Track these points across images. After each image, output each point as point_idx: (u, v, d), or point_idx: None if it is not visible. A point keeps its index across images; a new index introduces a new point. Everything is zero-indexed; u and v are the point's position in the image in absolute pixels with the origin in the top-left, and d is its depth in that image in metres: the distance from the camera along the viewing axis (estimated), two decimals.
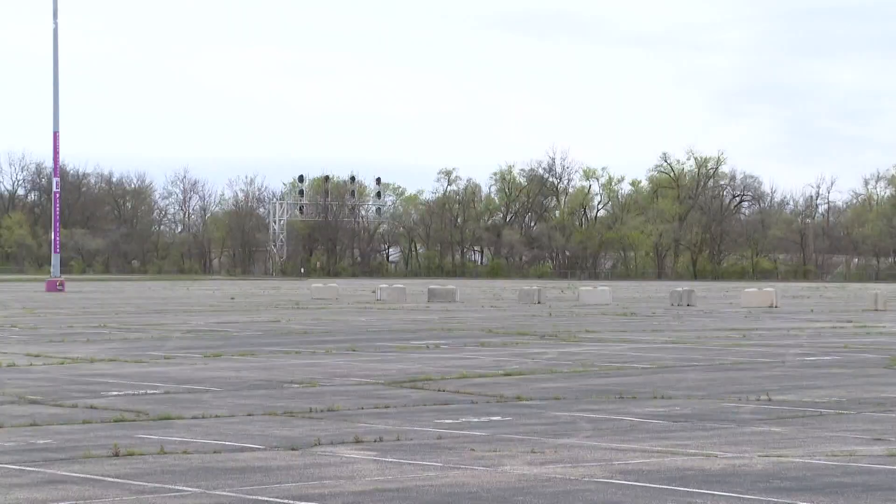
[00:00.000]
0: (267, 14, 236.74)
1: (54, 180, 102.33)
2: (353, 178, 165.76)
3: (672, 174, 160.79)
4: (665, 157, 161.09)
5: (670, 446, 16.41)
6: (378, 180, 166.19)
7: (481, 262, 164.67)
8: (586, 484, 13.72)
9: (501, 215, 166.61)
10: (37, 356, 30.70)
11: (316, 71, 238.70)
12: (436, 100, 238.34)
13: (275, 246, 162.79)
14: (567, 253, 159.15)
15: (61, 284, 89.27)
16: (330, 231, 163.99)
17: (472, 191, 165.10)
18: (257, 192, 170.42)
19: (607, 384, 24.49)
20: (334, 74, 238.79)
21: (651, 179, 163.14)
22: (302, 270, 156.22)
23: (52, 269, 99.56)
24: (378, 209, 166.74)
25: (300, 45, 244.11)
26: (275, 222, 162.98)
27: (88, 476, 14.07)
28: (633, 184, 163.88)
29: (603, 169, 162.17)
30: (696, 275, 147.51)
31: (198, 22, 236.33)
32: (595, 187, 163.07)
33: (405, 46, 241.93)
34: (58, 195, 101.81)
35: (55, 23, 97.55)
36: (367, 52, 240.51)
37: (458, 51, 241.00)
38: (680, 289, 69.77)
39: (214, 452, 15.74)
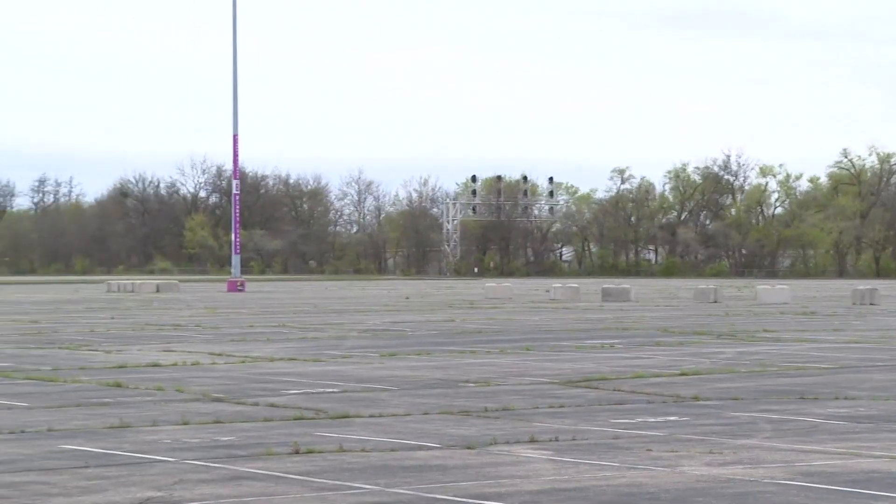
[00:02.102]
0: (440, 14, 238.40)
1: (234, 183, 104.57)
2: (525, 178, 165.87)
3: (853, 170, 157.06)
4: (845, 153, 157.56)
5: (854, 448, 16.02)
6: (551, 179, 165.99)
7: (655, 261, 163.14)
8: (767, 485, 13.48)
9: (676, 213, 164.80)
10: (219, 355, 31.42)
11: (488, 71, 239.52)
12: (609, 98, 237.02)
13: (448, 246, 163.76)
14: (743, 251, 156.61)
15: (242, 285, 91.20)
16: (503, 231, 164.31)
17: (645, 189, 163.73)
18: (431, 193, 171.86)
19: (787, 384, 24.02)
20: (507, 74, 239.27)
21: (831, 176, 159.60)
22: (475, 270, 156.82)
23: (232, 270, 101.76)
24: (551, 208, 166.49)
25: (473, 46, 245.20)
26: (448, 222, 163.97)
27: (270, 473, 14.34)
28: (811, 180, 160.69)
29: (780, 166, 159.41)
30: (879, 273, 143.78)
31: (372, 23, 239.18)
32: (772, 184, 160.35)
33: (578, 45, 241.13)
34: (238, 197, 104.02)
35: (234, 28, 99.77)
36: (539, 51, 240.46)
37: (631, 49, 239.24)
38: (862, 287, 68.10)
39: (392, 451, 15.89)
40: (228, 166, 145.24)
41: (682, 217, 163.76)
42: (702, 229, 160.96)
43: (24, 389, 23.51)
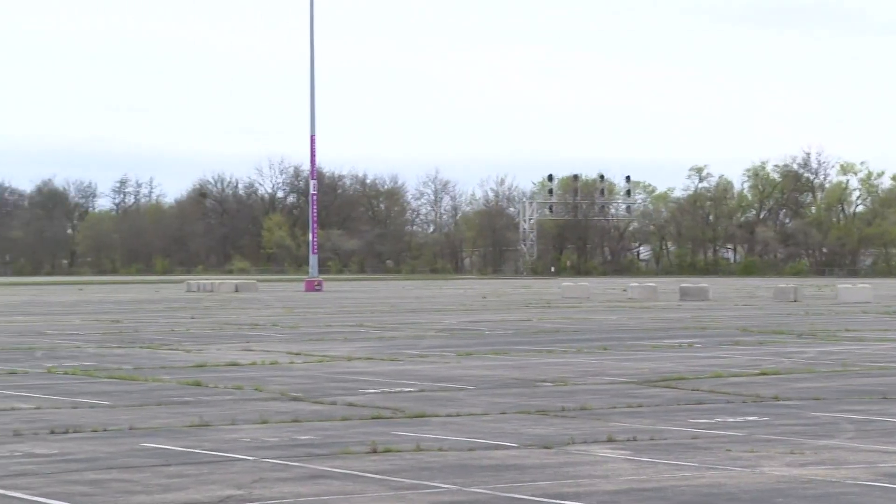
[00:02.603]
0: (515, 13, 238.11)
1: (311, 183, 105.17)
2: (602, 177, 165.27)
3: None
4: None
5: None
6: (628, 178, 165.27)
7: (734, 260, 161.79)
8: (849, 486, 13.31)
9: (754, 212, 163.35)
10: (297, 354, 31.61)
11: (565, 69, 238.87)
12: (685, 96, 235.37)
13: (525, 245, 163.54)
14: (824, 250, 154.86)
15: (319, 284, 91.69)
16: (580, 230, 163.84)
17: (723, 187, 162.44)
18: (507, 192, 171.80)
19: (870, 384, 23.71)
20: (584, 72, 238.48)
21: None
22: (552, 269, 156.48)
23: (310, 270, 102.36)
24: (628, 207, 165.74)
25: (548, 44, 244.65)
26: (525, 221, 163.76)
27: (348, 472, 14.39)
28: (894, 178, 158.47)
29: (861, 163, 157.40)
30: None
31: (449, 23, 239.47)
32: (853, 182, 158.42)
33: (655, 42, 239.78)
34: (315, 197, 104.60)
35: (311, 29, 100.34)
36: (617, 48, 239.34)
37: (708, 46, 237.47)
38: None
39: (469, 450, 15.89)
40: (306, 166, 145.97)
41: (761, 215, 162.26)
42: (781, 228, 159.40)
43: (107, 388, 23.80)
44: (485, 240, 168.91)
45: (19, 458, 15.38)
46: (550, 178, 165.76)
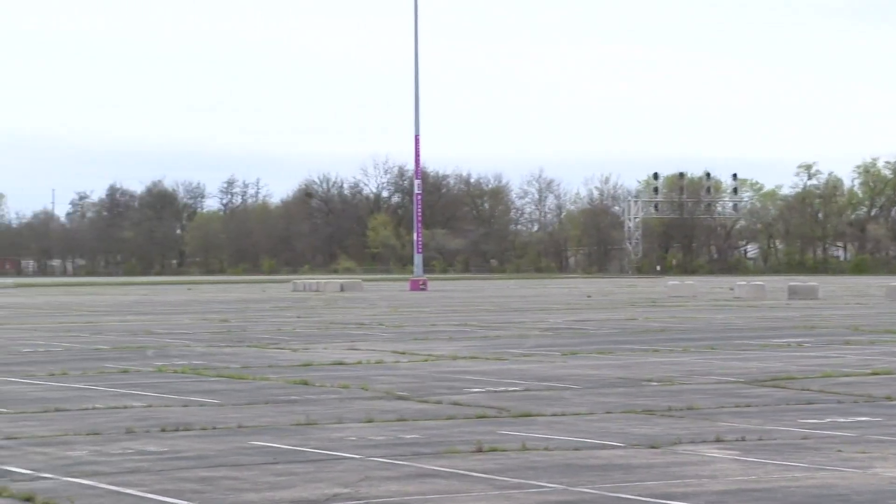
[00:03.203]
0: (621, 11, 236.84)
1: (416, 182, 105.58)
2: (708, 175, 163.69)
3: None
4: None
5: None
6: (734, 176, 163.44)
7: (844, 258, 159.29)
8: None
9: (865, 209, 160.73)
10: (402, 353, 31.73)
11: (670, 67, 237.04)
12: (794, 92, 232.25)
13: (630, 244, 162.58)
14: None
15: (424, 284, 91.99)
16: (685, 228, 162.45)
17: (833, 185, 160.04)
18: (612, 190, 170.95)
19: None
20: (688, 70, 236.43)
21: None
22: (658, 268, 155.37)
23: (415, 269, 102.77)
24: (735, 205, 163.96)
25: (654, 42, 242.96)
26: (630, 220, 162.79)
27: (454, 471, 14.40)
28: None
29: None
30: None
31: (551, 21, 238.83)
32: None
33: (762, 38, 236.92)
34: (419, 197, 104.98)
35: (415, 30, 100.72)
36: (722, 45, 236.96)
37: (816, 41, 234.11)
38: None
39: (575, 449, 15.83)
40: (410, 166, 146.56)
41: (872, 213, 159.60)
42: (893, 225, 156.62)
43: (216, 387, 24.09)
44: (589, 238, 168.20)
45: (132, 456, 15.63)
46: (656, 176, 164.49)
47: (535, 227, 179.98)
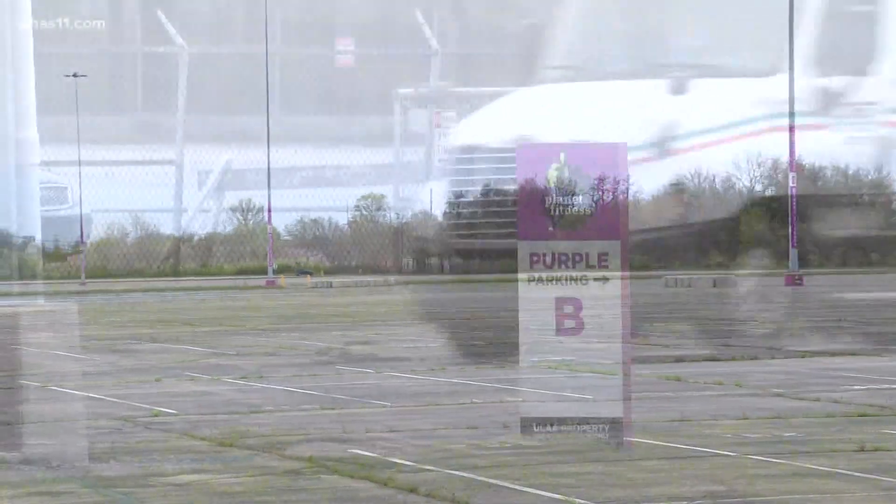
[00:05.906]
0: None
1: (790, 175, 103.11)
2: None
3: None
4: None
5: None
6: None
7: None
8: None
9: None
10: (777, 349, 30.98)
11: None
12: None
13: None
14: None
15: (799, 278, 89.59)
16: None
17: None
18: None
19: None
20: None
21: None
22: None
23: (790, 264, 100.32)
24: None
25: None
26: None
27: (834, 470, 13.98)
28: None
29: None
30: None
31: None
32: None
33: None
34: (794, 190, 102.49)
35: None
36: None
37: None
38: None
39: None
40: (784, 159, 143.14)
41: None
42: None
43: (589, 382, 24.21)
44: None
45: (508, 449, 16.00)
46: None
47: None
